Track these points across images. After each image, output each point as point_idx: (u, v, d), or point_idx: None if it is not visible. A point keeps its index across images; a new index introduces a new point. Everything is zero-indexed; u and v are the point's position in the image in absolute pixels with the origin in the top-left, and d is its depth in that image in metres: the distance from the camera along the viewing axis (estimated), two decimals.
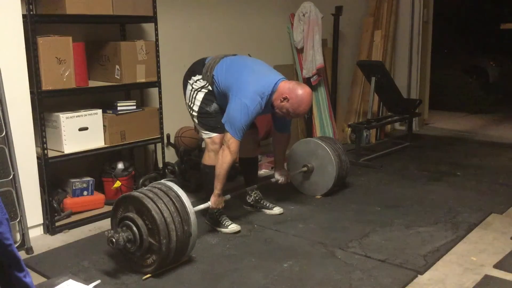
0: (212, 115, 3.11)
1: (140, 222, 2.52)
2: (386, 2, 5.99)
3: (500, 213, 3.47)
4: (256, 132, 3.50)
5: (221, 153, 3.00)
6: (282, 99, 2.99)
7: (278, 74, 3.10)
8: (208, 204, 3.05)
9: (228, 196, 3.17)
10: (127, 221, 2.55)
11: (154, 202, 2.52)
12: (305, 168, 3.81)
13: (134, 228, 2.52)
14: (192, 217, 2.63)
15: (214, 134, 3.12)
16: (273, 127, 3.47)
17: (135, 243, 2.53)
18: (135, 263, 2.64)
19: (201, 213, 3.47)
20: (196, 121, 3.19)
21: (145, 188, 2.70)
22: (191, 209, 2.63)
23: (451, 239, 3.02)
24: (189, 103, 3.20)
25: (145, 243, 2.52)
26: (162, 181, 2.81)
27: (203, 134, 3.19)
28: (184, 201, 2.63)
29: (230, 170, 4.18)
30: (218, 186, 3.03)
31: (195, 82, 3.16)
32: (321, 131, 5.30)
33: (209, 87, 3.12)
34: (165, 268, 2.63)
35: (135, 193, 2.61)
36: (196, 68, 3.20)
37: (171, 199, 2.59)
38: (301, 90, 2.98)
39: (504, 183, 4.14)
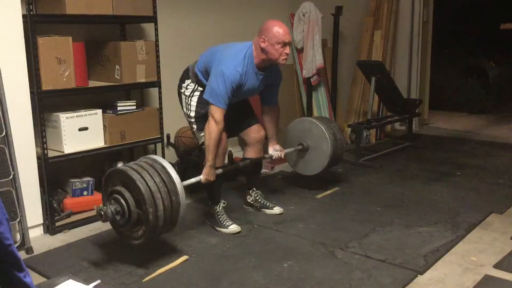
0: (207, 117, 3.11)
1: (127, 194, 2.55)
2: (386, 2, 5.99)
3: (500, 213, 3.47)
4: (260, 130, 3.46)
5: (207, 125, 3.01)
6: (262, 44, 3.03)
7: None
8: (199, 178, 3.04)
9: (220, 170, 3.13)
10: (115, 195, 2.59)
11: (139, 173, 2.55)
12: (300, 147, 3.76)
13: (122, 201, 2.55)
14: (179, 186, 2.62)
15: None
16: (261, 101, 3.45)
17: (123, 216, 2.56)
18: (127, 237, 2.67)
19: (201, 213, 3.48)
20: (195, 126, 3.22)
21: (132, 162, 2.73)
22: (177, 179, 2.63)
23: (451, 239, 3.02)
24: (187, 111, 3.24)
25: (133, 214, 2.54)
26: (149, 155, 2.82)
27: (201, 137, 3.20)
28: (170, 172, 2.63)
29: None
30: (209, 158, 3.02)
31: (186, 88, 3.23)
32: None
33: (200, 88, 3.16)
34: (155, 238, 2.65)
35: (121, 167, 2.65)
36: (183, 75, 3.29)
37: (156, 170, 2.61)
38: (265, 23, 3.07)
39: (504, 183, 4.14)
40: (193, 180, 3.01)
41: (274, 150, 3.51)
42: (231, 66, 2.99)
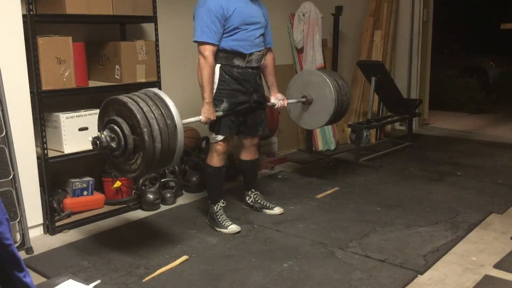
0: (218, 118, 3.08)
1: (120, 120, 2.52)
2: (386, 2, 5.99)
3: (500, 213, 3.47)
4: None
5: (198, 64, 3.00)
6: None
7: None
8: (199, 118, 2.99)
9: (220, 113, 3.06)
10: (110, 124, 2.56)
11: (130, 98, 2.52)
12: (303, 99, 3.64)
13: (116, 127, 2.51)
14: (173, 109, 2.56)
15: (219, 138, 3.13)
16: None
17: (119, 144, 2.51)
18: (123, 170, 2.63)
19: (201, 213, 3.48)
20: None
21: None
22: (170, 102, 2.58)
23: (451, 239, 3.02)
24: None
25: (128, 140, 2.49)
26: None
27: (213, 138, 3.18)
28: (162, 96, 2.59)
29: (230, 170, 4.21)
30: (205, 95, 2.98)
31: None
32: (321, 131, 5.30)
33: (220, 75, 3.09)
34: (153, 170, 2.64)
35: (113, 97, 2.60)
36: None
37: (148, 96, 2.58)
38: None
39: (504, 183, 4.14)
40: (191, 119, 2.94)
41: (277, 99, 3.39)
42: None
